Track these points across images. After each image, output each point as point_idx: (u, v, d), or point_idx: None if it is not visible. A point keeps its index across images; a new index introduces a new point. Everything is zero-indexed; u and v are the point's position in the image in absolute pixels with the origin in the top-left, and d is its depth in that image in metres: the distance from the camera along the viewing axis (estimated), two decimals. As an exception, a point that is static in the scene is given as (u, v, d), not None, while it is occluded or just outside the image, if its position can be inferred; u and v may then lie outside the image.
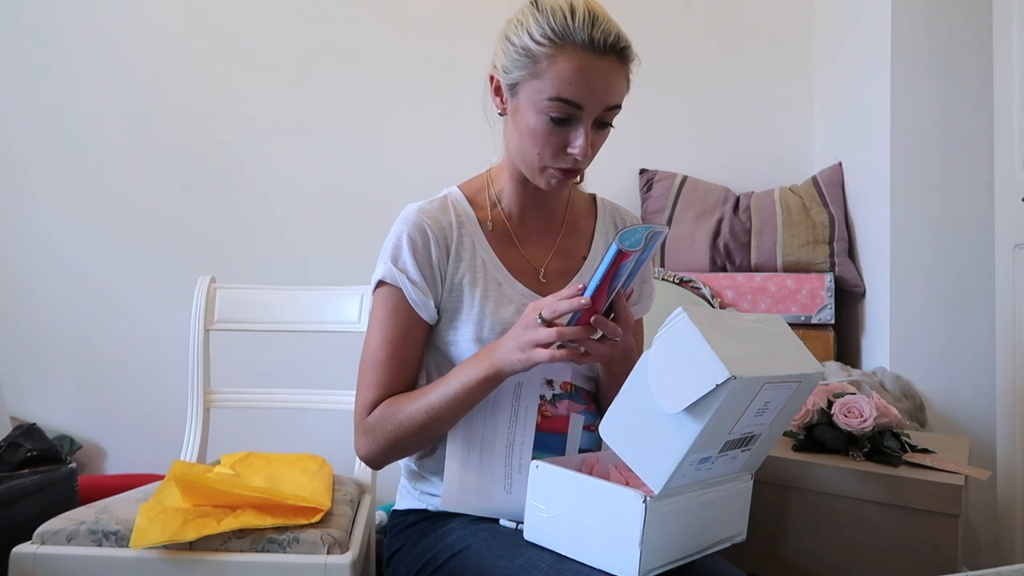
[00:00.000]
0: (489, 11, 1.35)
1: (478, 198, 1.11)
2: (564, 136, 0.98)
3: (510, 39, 0.99)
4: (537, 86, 0.96)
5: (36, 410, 2.25)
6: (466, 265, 1.06)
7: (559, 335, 0.90)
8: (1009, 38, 1.69)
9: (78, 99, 2.34)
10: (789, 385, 0.85)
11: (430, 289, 1.04)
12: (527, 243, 1.11)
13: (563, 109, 0.96)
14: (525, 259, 1.09)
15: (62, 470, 1.72)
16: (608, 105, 0.98)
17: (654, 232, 0.87)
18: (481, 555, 0.94)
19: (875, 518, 1.16)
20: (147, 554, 1.14)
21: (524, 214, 1.11)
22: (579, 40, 0.94)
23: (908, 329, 1.79)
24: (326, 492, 1.32)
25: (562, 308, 0.90)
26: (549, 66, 0.95)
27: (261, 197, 2.37)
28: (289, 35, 2.37)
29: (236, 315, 1.61)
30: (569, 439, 1.04)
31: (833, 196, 2.11)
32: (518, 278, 1.07)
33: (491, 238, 1.08)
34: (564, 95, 0.95)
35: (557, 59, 0.95)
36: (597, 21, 0.95)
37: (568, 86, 0.95)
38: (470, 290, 1.05)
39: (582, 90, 0.95)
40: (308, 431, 2.03)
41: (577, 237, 1.14)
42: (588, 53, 0.94)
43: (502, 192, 1.11)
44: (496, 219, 1.10)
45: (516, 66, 0.98)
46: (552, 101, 0.96)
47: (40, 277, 2.34)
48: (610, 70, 0.96)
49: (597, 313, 0.90)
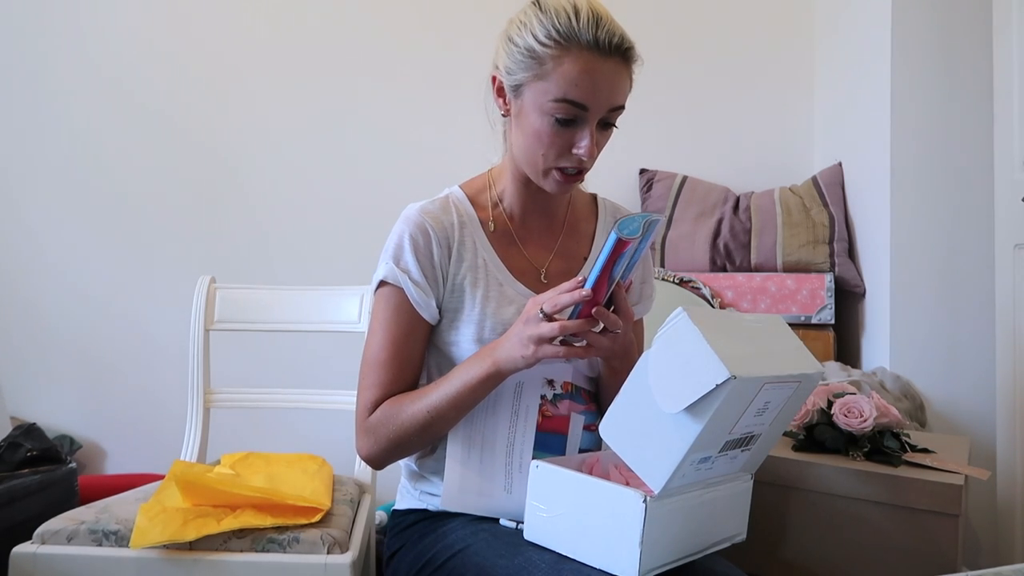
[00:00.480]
0: (490, 11, 1.35)
1: (479, 198, 1.11)
2: (569, 137, 0.98)
3: (513, 40, 0.99)
4: (542, 87, 0.96)
5: (36, 410, 2.25)
6: (467, 265, 1.06)
7: (562, 329, 0.89)
8: (1009, 38, 1.69)
9: (77, 100, 2.34)
10: (789, 385, 0.85)
11: (432, 289, 1.04)
12: (528, 243, 1.10)
13: (569, 111, 0.96)
14: (526, 259, 1.09)
15: (62, 470, 1.72)
16: (613, 106, 0.98)
17: (651, 220, 0.87)
18: (481, 555, 0.94)
19: (875, 518, 1.16)
20: (147, 554, 1.14)
21: (525, 214, 1.11)
22: (584, 41, 0.94)
23: (908, 329, 1.79)
24: (326, 492, 1.32)
25: (563, 301, 0.90)
26: (554, 68, 0.95)
27: (261, 197, 2.37)
28: (289, 35, 2.37)
29: (236, 315, 1.61)
30: (570, 439, 1.04)
31: (833, 196, 2.11)
32: (519, 279, 1.07)
33: (492, 238, 1.08)
34: (570, 96, 0.95)
35: (563, 60, 0.94)
36: (601, 22, 0.95)
37: (574, 87, 0.94)
38: (471, 290, 1.05)
39: (588, 92, 0.95)
40: (308, 431, 2.03)
41: (578, 237, 1.14)
42: (593, 54, 0.94)
43: (504, 192, 1.11)
44: (498, 219, 1.10)
45: (520, 67, 0.97)
46: (558, 103, 0.95)
47: (40, 277, 2.34)
48: (615, 71, 0.96)
49: (598, 305, 0.90)
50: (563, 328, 0.89)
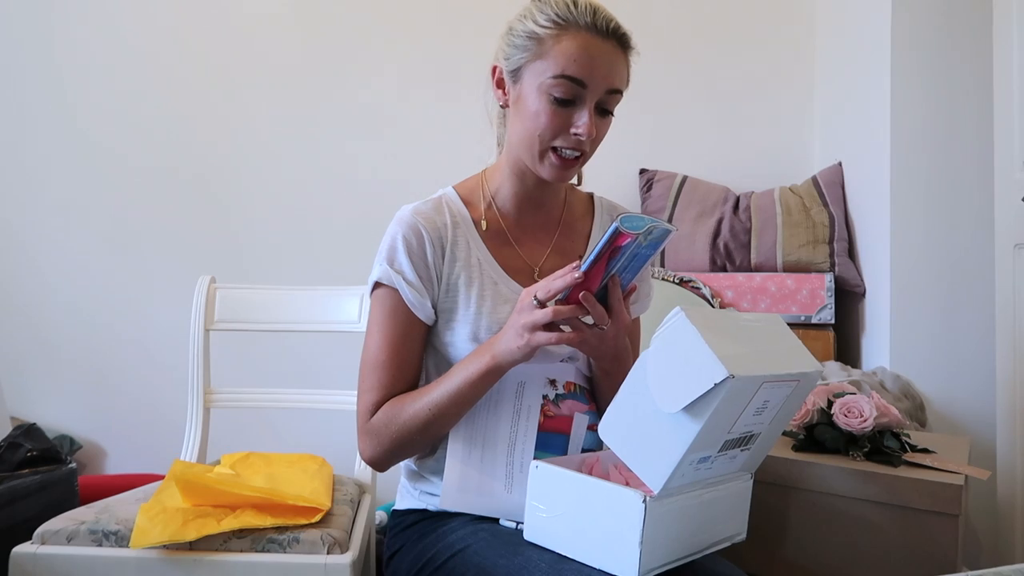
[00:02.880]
0: (490, 11, 1.35)
1: (472, 197, 1.11)
2: (567, 117, 0.99)
3: (513, 29, 1.02)
4: (541, 66, 0.98)
5: (36, 410, 2.26)
6: (461, 265, 1.06)
7: (555, 314, 0.89)
8: (1009, 38, 1.69)
9: (79, 100, 2.35)
10: (788, 384, 0.85)
11: (427, 290, 1.04)
12: (523, 242, 1.10)
13: (567, 88, 0.97)
14: (521, 258, 1.09)
15: (62, 470, 1.72)
16: (611, 87, 0.99)
17: (658, 227, 0.86)
18: (481, 555, 0.94)
19: (875, 518, 1.16)
20: (147, 554, 1.14)
21: (520, 213, 1.11)
22: (582, 23, 0.97)
23: (908, 329, 1.79)
24: (326, 492, 1.32)
25: (556, 286, 0.89)
26: (553, 46, 0.98)
27: (261, 197, 2.37)
28: (289, 35, 2.38)
29: (236, 315, 1.61)
30: (572, 439, 1.04)
31: (833, 196, 2.11)
32: (514, 277, 1.07)
33: (486, 237, 1.08)
34: (568, 72, 0.97)
35: (561, 39, 0.97)
36: (598, 11, 0.99)
37: (572, 63, 0.97)
38: (466, 290, 1.05)
39: (586, 68, 0.97)
40: (308, 431, 2.03)
41: (574, 236, 1.14)
42: (591, 34, 0.97)
43: (498, 190, 1.11)
44: (491, 218, 1.10)
45: (519, 50, 1.00)
46: (556, 79, 0.97)
47: (40, 277, 2.34)
48: (612, 52, 0.99)
49: (588, 291, 0.89)
50: (556, 312, 0.89)
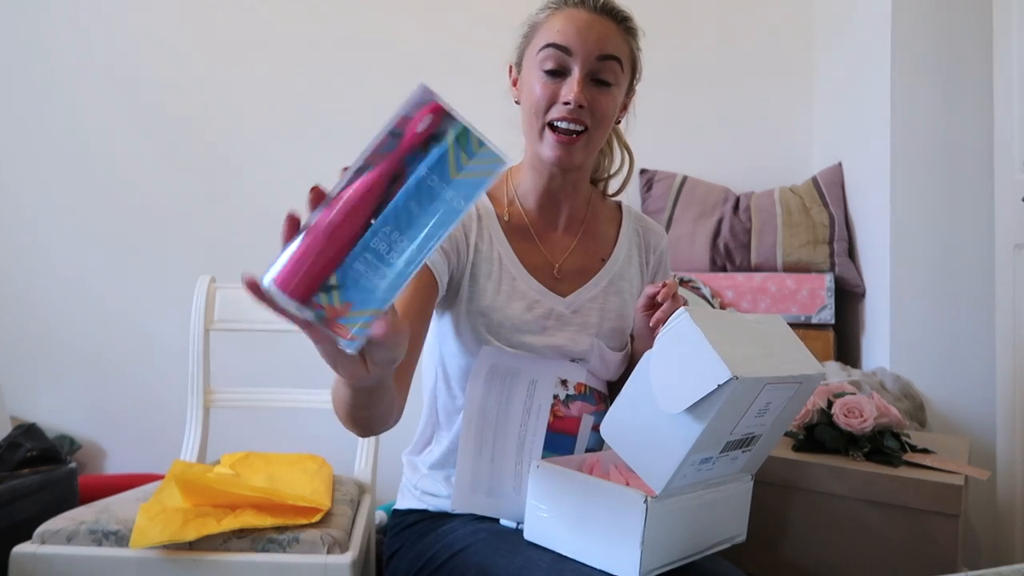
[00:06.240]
0: (499, 9, 1.34)
1: (496, 192, 1.12)
2: (558, 88, 1.01)
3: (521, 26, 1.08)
4: (533, 46, 1.03)
5: (36, 410, 2.25)
6: (483, 256, 1.06)
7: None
8: (1009, 38, 1.69)
9: (77, 100, 2.34)
10: (790, 386, 0.85)
11: (448, 259, 1.01)
12: (544, 239, 1.11)
13: (554, 57, 1.00)
14: (542, 255, 1.09)
15: (62, 470, 1.72)
16: (601, 53, 1.00)
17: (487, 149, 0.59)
18: (481, 554, 0.94)
19: (875, 518, 1.16)
20: (147, 554, 1.14)
21: (541, 208, 1.11)
22: (573, 2, 1.02)
23: (908, 329, 1.79)
24: (326, 492, 1.32)
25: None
26: (544, 25, 1.03)
27: (262, 197, 2.36)
28: (289, 35, 2.37)
29: (236, 315, 1.60)
30: (579, 440, 1.04)
31: (833, 196, 2.11)
32: (533, 274, 1.07)
33: (508, 231, 1.08)
34: (552, 40, 1.00)
35: (552, 17, 1.03)
36: None
37: (557, 33, 1.00)
38: (483, 282, 1.04)
39: (570, 35, 1.00)
40: (308, 431, 2.02)
41: (598, 239, 1.14)
42: (580, 10, 1.02)
43: (519, 186, 1.11)
44: (513, 213, 1.10)
45: (521, 41, 1.06)
46: (543, 51, 1.01)
47: (40, 277, 2.34)
48: (603, 24, 1.01)
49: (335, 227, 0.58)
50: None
